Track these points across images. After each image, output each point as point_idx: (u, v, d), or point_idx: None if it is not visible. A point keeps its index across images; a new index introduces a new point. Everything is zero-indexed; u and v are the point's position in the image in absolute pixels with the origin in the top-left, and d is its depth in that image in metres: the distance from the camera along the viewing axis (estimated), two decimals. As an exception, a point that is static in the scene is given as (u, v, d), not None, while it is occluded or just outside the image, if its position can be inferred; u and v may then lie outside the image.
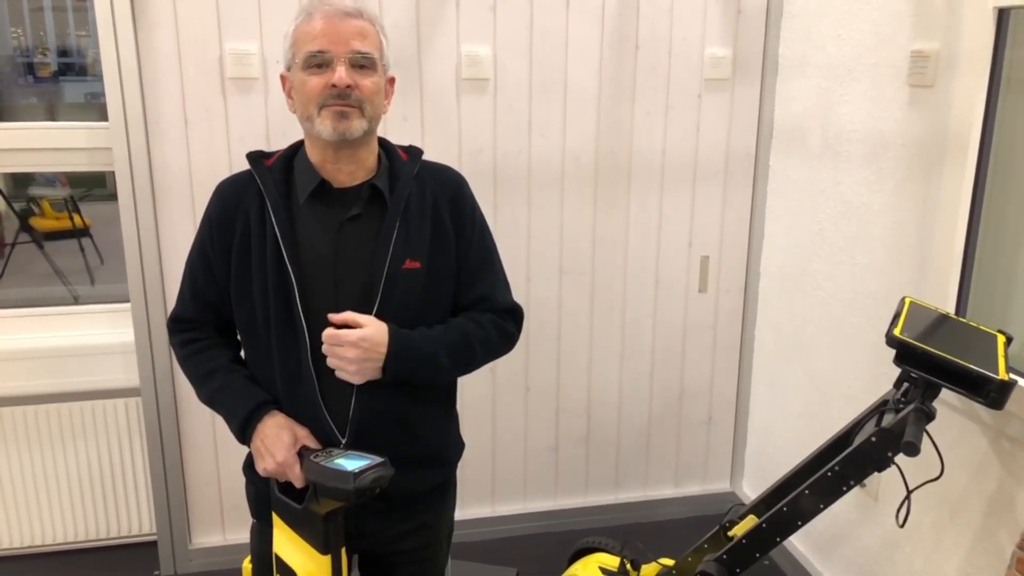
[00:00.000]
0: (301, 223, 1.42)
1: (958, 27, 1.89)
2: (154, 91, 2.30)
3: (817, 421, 2.52)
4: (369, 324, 1.37)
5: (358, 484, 1.28)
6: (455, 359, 1.46)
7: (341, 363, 1.36)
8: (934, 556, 2.02)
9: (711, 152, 2.71)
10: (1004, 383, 1.44)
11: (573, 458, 2.87)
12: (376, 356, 1.36)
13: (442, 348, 1.44)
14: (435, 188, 1.49)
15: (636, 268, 2.74)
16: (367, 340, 1.36)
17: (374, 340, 1.36)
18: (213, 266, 1.48)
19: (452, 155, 2.50)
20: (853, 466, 1.54)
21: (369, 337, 1.36)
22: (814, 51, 2.44)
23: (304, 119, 1.40)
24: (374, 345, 1.36)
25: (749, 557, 1.66)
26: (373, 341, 1.36)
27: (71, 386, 2.54)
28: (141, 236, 2.35)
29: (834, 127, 2.36)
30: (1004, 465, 1.79)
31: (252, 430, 1.43)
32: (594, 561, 2.11)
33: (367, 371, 1.37)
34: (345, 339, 1.35)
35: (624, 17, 2.53)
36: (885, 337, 1.55)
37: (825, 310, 2.44)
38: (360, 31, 1.37)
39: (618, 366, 2.82)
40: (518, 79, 2.51)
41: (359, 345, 1.35)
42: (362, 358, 1.35)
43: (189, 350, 1.53)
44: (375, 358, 1.37)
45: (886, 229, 2.16)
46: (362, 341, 1.35)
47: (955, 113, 1.90)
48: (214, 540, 2.64)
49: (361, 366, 1.36)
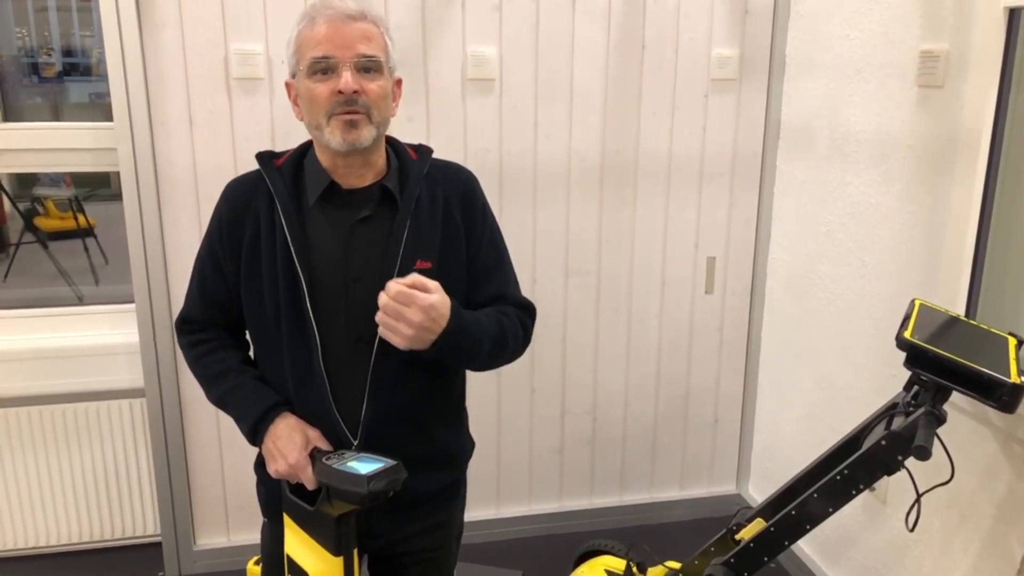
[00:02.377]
0: (311, 225, 1.41)
1: (968, 27, 1.87)
2: (159, 91, 2.29)
3: (824, 423, 2.50)
4: (438, 292, 1.32)
5: (372, 488, 1.27)
6: (492, 349, 1.44)
7: (399, 324, 1.29)
8: (943, 560, 2.00)
9: (718, 153, 2.69)
10: (1016, 386, 1.42)
11: (578, 460, 2.86)
12: (436, 328, 1.31)
13: (487, 336, 1.42)
14: (446, 187, 1.48)
15: (642, 269, 2.73)
16: (436, 309, 1.30)
17: (440, 311, 1.31)
18: (223, 266, 1.46)
19: (458, 156, 2.49)
20: (862, 470, 1.53)
21: (438, 306, 1.31)
22: (822, 51, 2.43)
23: (312, 127, 1.38)
24: (439, 316, 1.31)
25: (757, 561, 1.65)
26: (439, 312, 1.31)
27: (75, 387, 2.53)
28: (146, 237, 2.34)
29: (842, 128, 2.34)
30: (1015, 469, 1.78)
31: (264, 432, 1.41)
32: (600, 564, 2.10)
33: (420, 339, 1.31)
34: (418, 301, 1.28)
35: (630, 17, 2.52)
36: (896, 340, 1.54)
37: (832, 312, 2.43)
38: (365, 34, 1.34)
39: (624, 367, 2.81)
40: (524, 79, 2.50)
41: (428, 312, 1.29)
42: (424, 325, 1.30)
43: (199, 351, 1.52)
44: (434, 329, 1.31)
45: (894, 231, 2.15)
46: (432, 309, 1.30)
47: (965, 114, 1.89)
48: (218, 541, 2.64)
49: (419, 332, 1.30)
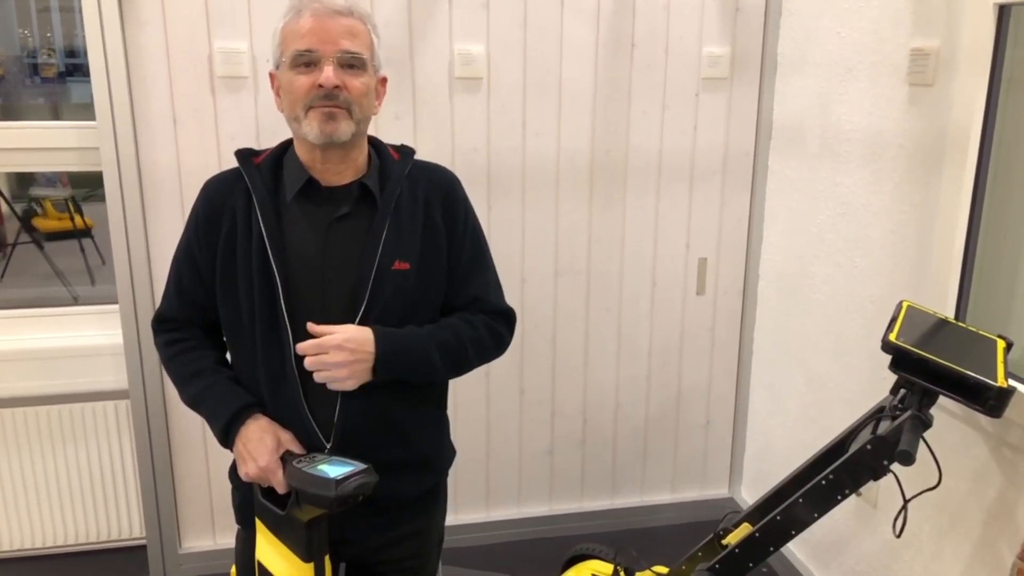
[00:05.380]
0: (288, 222, 1.40)
1: (958, 24, 1.85)
2: (142, 90, 2.27)
3: (816, 425, 2.48)
4: (347, 327, 1.34)
5: (339, 491, 1.26)
6: (447, 358, 1.43)
7: (331, 371, 1.32)
8: (933, 565, 1.98)
9: (709, 152, 2.67)
10: (1003, 390, 1.40)
11: (568, 462, 2.83)
12: (365, 357, 1.33)
13: (433, 346, 1.41)
14: (427, 188, 1.46)
15: (633, 269, 2.71)
16: (352, 341, 1.32)
17: (359, 340, 1.33)
18: (199, 264, 1.45)
19: (445, 154, 2.47)
20: (848, 474, 1.50)
21: (353, 338, 1.32)
22: (813, 49, 2.41)
23: (291, 119, 1.38)
24: (360, 344, 1.32)
25: (742, 566, 1.63)
26: (358, 341, 1.32)
27: (60, 388, 2.51)
28: (129, 237, 2.32)
29: (833, 126, 2.32)
30: (1004, 474, 1.75)
31: (235, 433, 1.40)
32: (587, 568, 2.08)
33: (358, 373, 1.33)
34: (328, 343, 1.31)
35: (620, 15, 2.50)
36: (881, 342, 1.52)
37: (824, 313, 2.40)
38: (350, 30, 1.34)
39: (614, 369, 2.78)
40: (512, 78, 2.47)
41: (344, 347, 1.31)
42: (351, 360, 1.31)
43: (173, 350, 1.50)
44: (364, 359, 1.33)
45: (885, 231, 2.12)
46: (347, 342, 1.31)
47: (955, 112, 1.86)
48: (204, 544, 2.61)
49: (351, 368, 1.32)
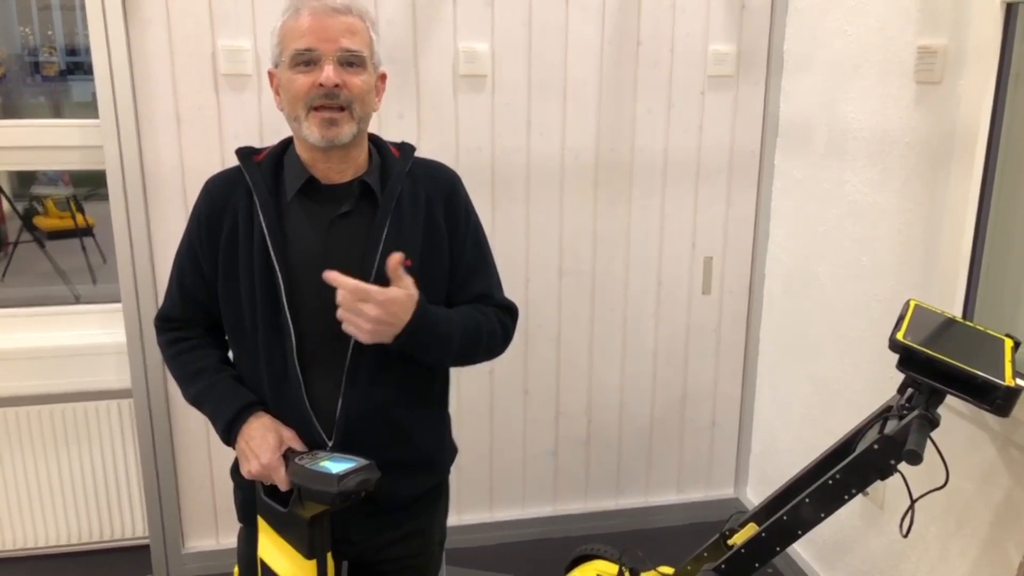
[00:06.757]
0: (290, 220, 1.39)
1: (966, 22, 1.84)
2: (145, 88, 2.27)
3: (822, 426, 2.46)
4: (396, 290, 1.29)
5: (342, 487, 1.25)
6: (464, 345, 1.42)
7: (358, 319, 1.27)
8: (940, 566, 1.97)
9: (714, 151, 2.66)
10: (1010, 389, 1.39)
11: (573, 463, 2.82)
12: (396, 323, 1.29)
13: (458, 332, 1.40)
14: (428, 185, 1.46)
15: (638, 269, 2.70)
16: (394, 303, 1.28)
17: (400, 306, 1.29)
18: (201, 263, 1.45)
19: (449, 153, 2.46)
20: (855, 474, 1.50)
21: (395, 299, 1.28)
22: (819, 47, 2.39)
23: (291, 119, 1.37)
24: (400, 310, 1.29)
25: (748, 566, 1.62)
26: (399, 305, 1.29)
27: (63, 387, 2.51)
28: (132, 235, 2.32)
29: (840, 125, 2.31)
30: (1012, 474, 1.74)
31: (237, 431, 1.39)
32: (592, 569, 2.07)
33: (380, 334, 1.29)
34: (374, 296, 1.27)
35: (625, 12, 2.49)
36: (888, 341, 1.51)
37: (830, 313, 2.39)
38: (349, 28, 1.33)
39: (619, 369, 2.77)
40: (517, 76, 2.46)
41: (385, 307, 1.27)
42: (383, 320, 1.27)
43: (176, 349, 1.50)
44: (393, 324, 1.29)
45: (892, 230, 2.11)
46: (390, 303, 1.28)
47: (962, 110, 1.85)
48: (207, 544, 2.61)
49: (376, 327, 1.28)
